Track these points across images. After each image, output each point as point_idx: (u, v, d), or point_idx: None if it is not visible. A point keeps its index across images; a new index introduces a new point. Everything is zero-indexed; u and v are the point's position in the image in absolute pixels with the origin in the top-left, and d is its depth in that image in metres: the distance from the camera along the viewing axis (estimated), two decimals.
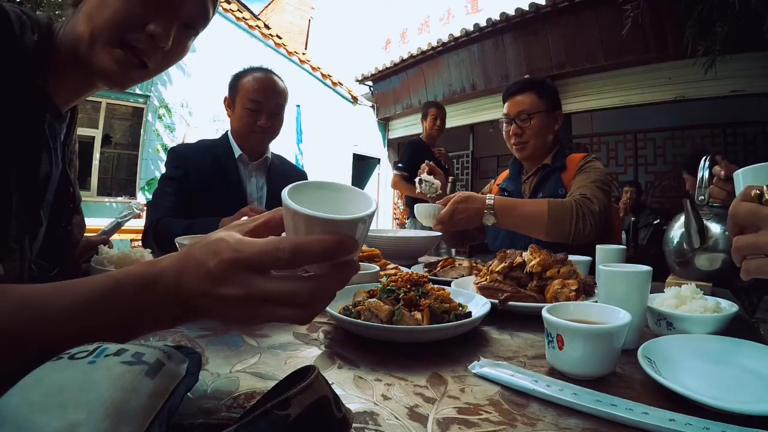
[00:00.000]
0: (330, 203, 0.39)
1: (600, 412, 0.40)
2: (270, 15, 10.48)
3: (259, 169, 1.51)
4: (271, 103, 1.40)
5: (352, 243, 0.35)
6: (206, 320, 0.57)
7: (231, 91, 1.44)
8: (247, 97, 1.38)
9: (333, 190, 0.41)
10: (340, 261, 0.35)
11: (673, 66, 3.86)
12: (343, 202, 0.40)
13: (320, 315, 0.72)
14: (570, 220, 1.18)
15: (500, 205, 1.17)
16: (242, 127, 1.41)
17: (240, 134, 1.44)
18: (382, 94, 7.27)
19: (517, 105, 1.44)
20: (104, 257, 0.68)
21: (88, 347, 0.29)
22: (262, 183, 1.51)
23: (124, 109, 5.84)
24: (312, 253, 0.33)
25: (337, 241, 0.33)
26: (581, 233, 1.17)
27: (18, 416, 0.23)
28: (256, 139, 1.43)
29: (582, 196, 1.23)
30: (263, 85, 1.39)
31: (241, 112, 1.39)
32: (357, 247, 0.36)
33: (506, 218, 1.18)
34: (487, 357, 0.53)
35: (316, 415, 0.26)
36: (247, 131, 1.41)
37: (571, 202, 1.21)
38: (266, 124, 1.40)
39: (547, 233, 1.18)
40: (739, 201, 0.46)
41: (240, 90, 1.40)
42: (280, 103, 1.43)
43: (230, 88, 1.45)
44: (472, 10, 5.53)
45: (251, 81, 1.39)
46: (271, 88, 1.40)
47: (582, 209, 1.19)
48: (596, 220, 1.19)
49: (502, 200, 1.19)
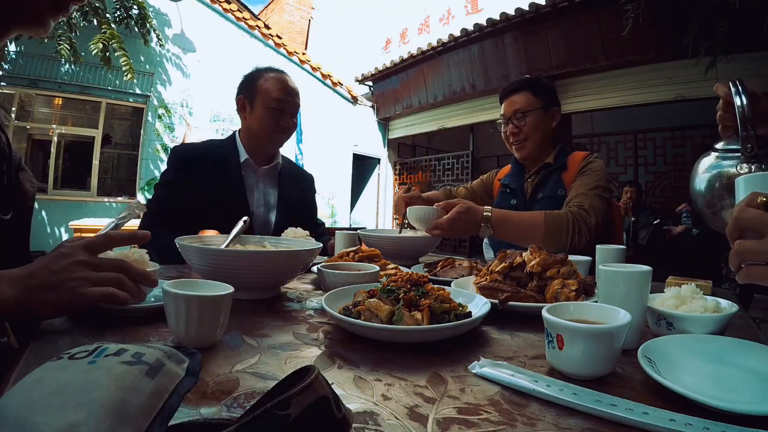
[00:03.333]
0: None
1: (600, 412, 0.40)
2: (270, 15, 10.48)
3: (269, 175, 1.47)
4: (294, 102, 1.40)
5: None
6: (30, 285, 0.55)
7: (247, 92, 1.41)
8: (270, 96, 1.36)
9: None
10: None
11: (673, 66, 3.87)
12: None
13: (320, 315, 0.72)
14: (566, 234, 1.18)
15: (497, 217, 1.18)
16: (263, 127, 1.38)
17: (260, 135, 1.41)
18: (382, 94, 7.27)
19: (513, 104, 1.46)
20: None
21: (88, 347, 0.29)
22: (272, 191, 1.47)
23: (124, 109, 5.85)
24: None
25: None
26: (576, 246, 1.18)
27: (18, 416, 0.23)
28: (278, 140, 1.42)
29: (579, 208, 1.23)
30: (285, 86, 1.39)
31: (263, 113, 1.37)
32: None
33: (502, 230, 1.18)
34: (487, 357, 0.53)
35: (316, 415, 0.26)
36: (269, 132, 1.39)
37: (567, 215, 1.21)
38: (289, 124, 1.40)
39: (543, 245, 1.19)
40: (744, 206, 0.45)
41: (260, 90, 1.38)
42: (299, 103, 1.44)
43: (245, 88, 1.42)
44: (472, 10, 5.52)
45: (273, 81, 1.38)
46: (291, 89, 1.40)
47: (578, 223, 1.20)
48: (592, 233, 1.20)
49: (498, 213, 1.19)
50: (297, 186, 1.55)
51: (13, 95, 5.21)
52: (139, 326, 0.61)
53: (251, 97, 1.40)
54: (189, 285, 0.58)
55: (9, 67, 4.94)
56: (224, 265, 0.76)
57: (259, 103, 1.38)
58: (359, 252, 1.03)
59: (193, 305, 0.53)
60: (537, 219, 1.20)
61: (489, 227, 1.16)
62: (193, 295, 0.53)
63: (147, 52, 5.59)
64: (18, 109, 5.29)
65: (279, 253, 0.81)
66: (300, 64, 6.84)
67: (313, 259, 0.89)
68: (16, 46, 4.93)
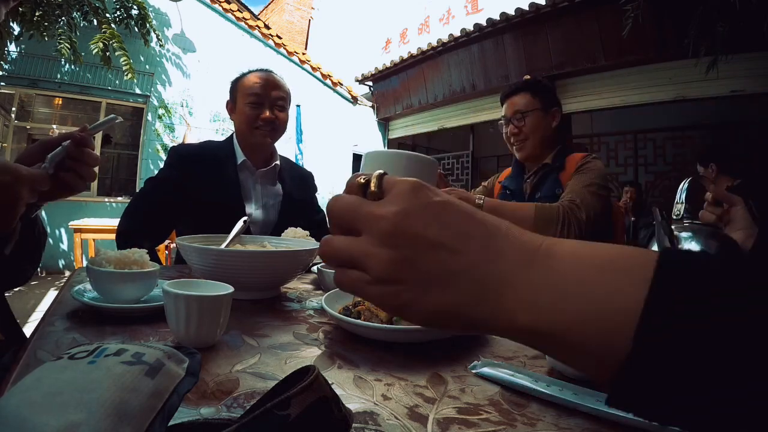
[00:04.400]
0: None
1: (600, 412, 0.40)
2: (270, 15, 10.48)
3: (268, 177, 1.46)
4: (272, 95, 1.36)
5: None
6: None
7: (231, 95, 1.43)
8: (247, 92, 1.36)
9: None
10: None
11: (673, 66, 3.86)
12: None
13: (320, 315, 0.72)
14: (555, 226, 1.18)
15: (489, 206, 1.18)
16: (245, 123, 1.37)
17: (244, 133, 1.39)
18: (382, 94, 7.27)
19: (513, 105, 1.47)
20: (102, 258, 0.68)
21: (88, 347, 0.29)
22: (272, 192, 1.46)
23: (124, 109, 5.85)
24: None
25: None
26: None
27: (18, 416, 0.23)
28: (261, 135, 1.37)
29: (570, 202, 1.23)
30: (263, 80, 1.37)
31: (242, 109, 1.37)
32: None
33: None
34: (487, 357, 0.53)
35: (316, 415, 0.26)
36: (250, 127, 1.37)
37: (558, 208, 1.21)
38: (270, 116, 1.35)
39: None
40: (341, 195, 0.32)
41: (239, 89, 1.39)
42: (282, 96, 1.40)
43: (230, 92, 1.43)
44: (472, 10, 5.53)
45: (250, 78, 1.38)
46: (271, 82, 1.38)
47: (568, 216, 1.20)
48: (582, 227, 1.19)
49: (490, 202, 1.20)
50: (297, 185, 1.55)
51: (13, 95, 5.22)
52: (139, 326, 0.61)
53: (234, 98, 1.41)
54: (189, 285, 0.58)
55: (9, 67, 4.94)
56: (224, 265, 0.76)
57: (239, 100, 1.38)
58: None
59: (193, 305, 0.53)
60: (527, 210, 1.21)
61: None
62: (193, 295, 0.53)
63: (147, 52, 5.60)
64: (18, 109, 5.29)
65: (279, 253, 0.81)
66: (300, 64, 6.84)
67: (313, 259, 0.89)
68: (16, 46, 4.93)
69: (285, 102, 1.40)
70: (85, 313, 0.66)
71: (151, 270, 0.69)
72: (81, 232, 3.73)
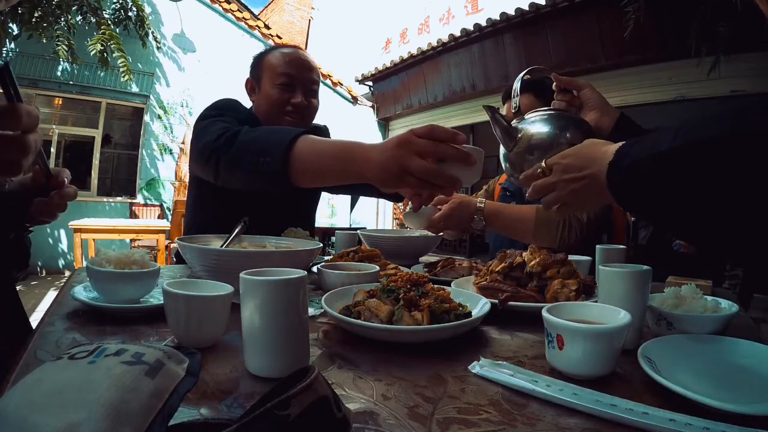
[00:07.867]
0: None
1: (600, 412, 0.40)
2: (270, 15, 10.47)
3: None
4: (305, 77, 1.19)
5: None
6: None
7: (254, 71, 1.24)
8: (276, 72, 1.17)
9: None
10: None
11: (673, 66, 3.86)
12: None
13: (320, 315, 0.72)
14: (556, 228, 1.19)
15: (489, 209, 1.18)
16: (272, 107, 1.19)
17: (268, 117, 1.21)
18: (382, 94, 7.27)
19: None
20: (102, 258, 0.68)
21: (88, 347, 0.29)
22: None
23: (124, 109, 5.85)
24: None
25: None
26: (566, 242, 1.18)
27: (18, 416, 0.23)
28: (289, 122, 1.19)
29: None
30: (296, 59, 1.19)
31: (269, 91, 1.18)
32: None
33: (494, 222, 1.19)
34: (487, 357, 0.53)
35: (316, 415, 0.26)
36: (278, 112, 1.19)
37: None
38: (302, 102, 1.18)
39: (534, 239, 1.19)
40: (531, 177, 0.72)
41: (266, 66, 1.20)
42: (316, 80, 1.23)
43: (253, 68, 1.26)
44: (472, 10, 5.52)
45: (279, 55, 1.20)
46: (305, 63, 1.20)
47: (569, 218, 1.20)
48: (583, 229, 1.20)
49: (491, 205, 1.20)
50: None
51: None
52: (139, 326, 0.61)
53: (258, 76, 1.23)
54: (189, 285, 0.58)
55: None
56: (224, 265, 0.76)
57: (265, 79, 1.20)
58: (359, 252, 1.03)
59: (193, 305, 0.53)
60: (528, 213, 1.21)
61: (481, 219, 1.17)
62: (193, 295, 0.53)
63: (147, 52, 5.59)
64: None
65: (279, 253, 0.81)
66: None
67: (313, 259, 0.89)
68: (16, 47, 4.93)
69: (317, 85, 1.25)
70: (85, 313, 0.66)
71: (151, 270, 0.69)
72: (81, 232, 3.73)
